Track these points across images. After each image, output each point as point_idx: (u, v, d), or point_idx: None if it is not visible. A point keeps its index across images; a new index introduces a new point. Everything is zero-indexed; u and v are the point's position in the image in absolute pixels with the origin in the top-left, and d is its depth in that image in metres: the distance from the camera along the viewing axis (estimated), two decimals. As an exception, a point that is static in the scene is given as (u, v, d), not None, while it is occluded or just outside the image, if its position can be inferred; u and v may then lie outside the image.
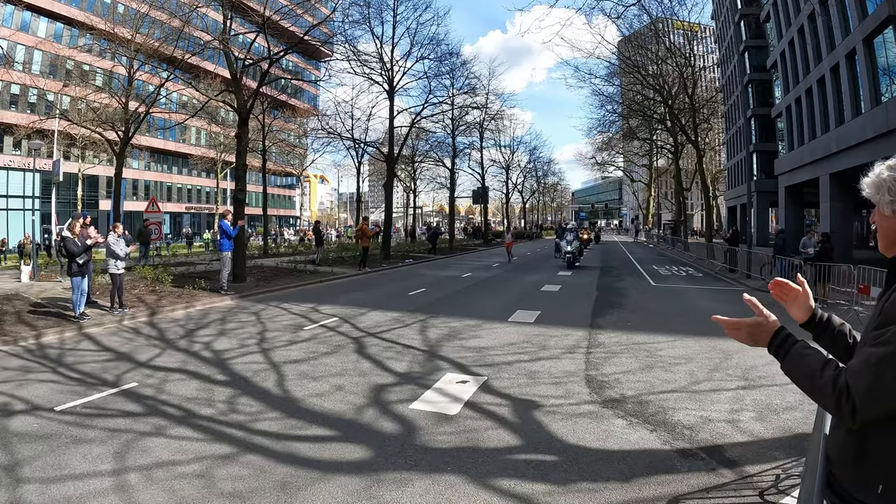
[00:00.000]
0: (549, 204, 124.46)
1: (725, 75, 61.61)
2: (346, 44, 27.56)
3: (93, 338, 11.57)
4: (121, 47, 27.84)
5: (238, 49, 23.76)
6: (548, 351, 9.72)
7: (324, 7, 32.60)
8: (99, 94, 33.81)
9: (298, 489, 4.72)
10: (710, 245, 33.88)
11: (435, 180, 63.57)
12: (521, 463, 5.21)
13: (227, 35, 20.75)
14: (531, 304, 15.30)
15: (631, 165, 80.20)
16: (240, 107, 20.54)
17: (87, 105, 34.26)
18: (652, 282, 22.00)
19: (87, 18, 35.82)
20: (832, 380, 1.77)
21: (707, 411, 6.54)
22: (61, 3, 53.38)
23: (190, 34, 25.86)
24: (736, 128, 58.28)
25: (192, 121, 44.69)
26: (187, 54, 26.17)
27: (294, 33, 25.32)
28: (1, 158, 51.51)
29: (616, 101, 44.40)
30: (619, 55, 41.14)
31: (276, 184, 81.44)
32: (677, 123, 38.64)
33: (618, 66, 40.94)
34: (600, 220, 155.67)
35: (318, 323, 12.76)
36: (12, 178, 52.09)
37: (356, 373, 8.42)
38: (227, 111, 51.06)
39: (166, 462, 5.28)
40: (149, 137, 58.35)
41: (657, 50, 38.33)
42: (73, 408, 6.91)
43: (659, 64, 38.16)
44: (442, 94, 39.57)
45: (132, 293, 15.94)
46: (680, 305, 15.83)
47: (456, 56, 38.52)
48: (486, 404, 6.84)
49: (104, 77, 38.00)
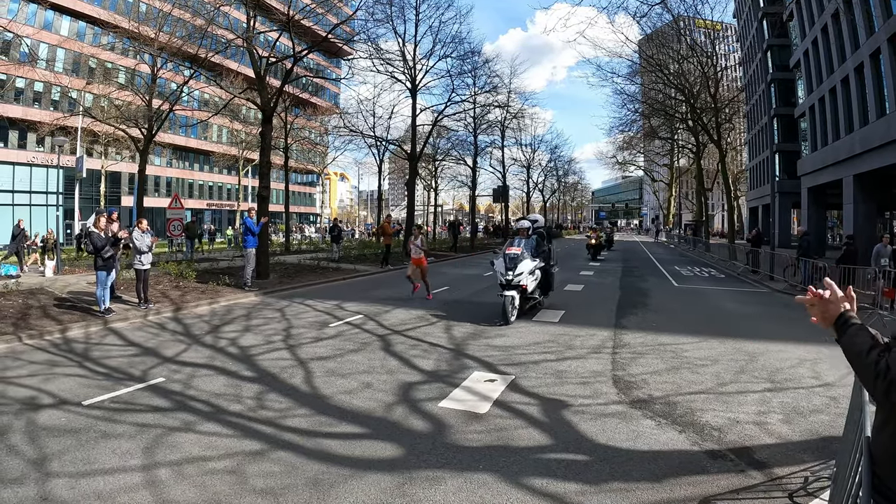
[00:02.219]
0: (569, 203, 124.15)
1: (748, 74, 61.05)
2: (368, 42, 27.55)
3: (118, 332, 11.67)
4: (145, 46, 28.03)
5: (261, 48, 23.83)
6: (574, 350, 9.70)
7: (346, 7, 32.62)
8: (122, 92, 34.13)
9: (330, 486, 4.73)
10: (732, 246, 33.59)
11: (456, 178, 63.51)
12: (553, 462, 5.20)
13: (251, 34, 20.86)
14: (555, 303, 15.21)
15: (652, 165, 79.72)
16: (264, 105, 20.64)
17: (111, 102, 34.58)
18: (674, 282, 21.89)
19: (112, 17, 36.14)
20: (875, 361, 2.07)
21: (735, 413, 6.50)
22: (84, 2, 53.85)
23: (213, 33, 26.00)
24: (758, 127, 57.72)
25: (214, 118, 44.93)
26: (211, 53, 26.33)
27: (317, 32, 25.42)
28: (25, 154, 52.07)
29: (637, 99, 44.15)
30: (641, 53, 40.88)
31: (296, 181, 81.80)
32: (699, 122, 38.34)
33: (639, 65, 40.75)
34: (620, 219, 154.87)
35: (343, 320, 12.79)
36: (36, 174, 52.68)
37: (384, 370, 8.44)
38: (249, 109, 51.42)
39: (196, 458, 5.30)
40: (171, 135, 58.83)
41: (679, 48, 38.04)
42: (101, 402, 6.97)
43: (681, 62, 37.85)
44: (464, 93, 39.51)
45: (156, 288, 16.11)
46: (704, 306, 15.74)
47: (478, 55, 38.33)
48: (515, 403, 6.84)
49: (127, 75, 38.31)
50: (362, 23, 27.04)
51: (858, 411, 3.05)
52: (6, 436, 5.84)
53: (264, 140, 20.97)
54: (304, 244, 45.87)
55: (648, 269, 28.38)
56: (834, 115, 33.82)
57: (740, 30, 62.87)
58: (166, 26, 29.34)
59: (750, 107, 60.83)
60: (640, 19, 25.15)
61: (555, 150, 74.61)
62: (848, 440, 3.24)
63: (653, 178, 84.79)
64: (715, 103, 36.06)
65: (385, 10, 29.49)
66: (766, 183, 50.35)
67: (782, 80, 49.28)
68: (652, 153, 72.92)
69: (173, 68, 31.74)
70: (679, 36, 37.79)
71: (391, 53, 32.12)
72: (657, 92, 42.23)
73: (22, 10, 33.32)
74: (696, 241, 48.72)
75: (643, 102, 44.21)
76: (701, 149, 44.95)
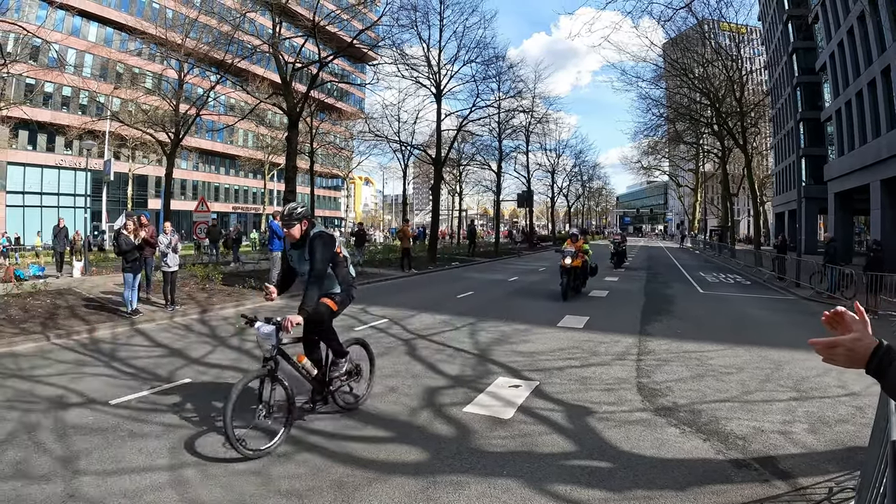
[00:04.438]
0: (593, 208, 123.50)
1: (773, 78, 60.31)
2: (393, 47, 27.65)
3: (145, 333, 11.84)
4: (172, 51, 28.39)
5: (287, 53, 24.03)
6: (598, 357, 9.66)
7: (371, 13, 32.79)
8: (149, 97, 34.56)
9: (355, 489, 4.76)
10: (758, 252, 33.27)
11: (480, 183, 63.51)
12: (577, 468, 5.20)
13: (277, 39, 21.04)
14: (579, 309, 15.19)
15: (677, 170, 79.13)
16: (290, 110, 20.79)
17: (138, 107, 35.02)
18: (700, 289, 21.71)
19: (139, 23, 36.61)
20: None
21: (759, 422, 6.44)
22: (111, 8, 54.72)
23: (239, 39, 26.28)
24: (784, 132, 56.98)
25: (240, 123, 45.38)
26: (237, 58, 26.61)
27: (342, 38, 25.59)
28: (53, 157, 52.96)
29: (662, 104, 43.83)
30: (665, 57, 40.64)
31: (321, 185, 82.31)
32: (725, 127, 38.03)
33: (664, 69, 40.50)
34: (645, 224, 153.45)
35: (368, 324, 12.83)
36: (63, 176, 53.63)
37: (409, 375, 8.46)
38: (275, 114, 51.81)
39: (223, 458, 5.35)
40: (197, 139, 59.47)
41: (704, 52, 37.78)
42: (128, 402, 7.07)
43: (706, 66, 37.60)
44: (488, 98, 39.42)
45: (183, 290, 16.28)
46: (729, 313, 15.60)
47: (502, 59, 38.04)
48: (540, 409, 6.83)
49: (154, 80, 38.81)
50: (387, 28, 27.22)
51: (884, 421, 3.04)
52: (34, 433, 5.95)
53: (290, 144, 21.13)
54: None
55: (673, 275, 28.19)
56: (861, 119, 33.40)
57: (765, 32, 61.95)
58: (193, 32, 29.72)
59: (775, 111, 60.00)
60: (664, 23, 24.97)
61: (579, 155, 74.46)
62: (874, 450, 3.23)
63: (678, 184, 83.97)
64: (740, 107, 35.78)
65: (409, 16, 29.61)
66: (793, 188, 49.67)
67: (808, 84, 48.69)
68: (677, 158, 72.30)
69: (200, 73, 32.09)
70: (703, 39, 37.55)
71: (416, 59, 32.19)
72: (682, 96, 41.96)
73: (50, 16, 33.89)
74: (721, 247, 48.26)
75: (668, 107, 43.85)
76: (726, 153, 44.50)
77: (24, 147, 51.31)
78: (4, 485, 4.79)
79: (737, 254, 39.49)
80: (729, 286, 23.11)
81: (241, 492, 4.70)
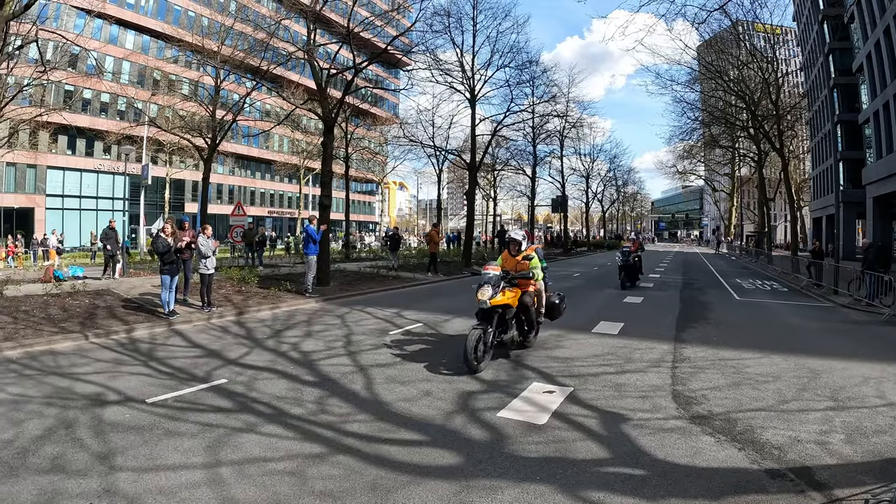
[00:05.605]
0: (628, 213, 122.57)
1: (809, 79, 59.25)
2: (427, 53, 27.75)
3: (182, 334, 12.06)
4: (208, 59, 28.80)
5: (322, 59, 24.26)
6: (633, 364, 9.60)
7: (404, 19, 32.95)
8: (186, 103, 35.13)
9: (389, 491, 4.80)
10: (795, 258, 32.74)
11: (514, 188, 63.35)
12: (611, 476, 5.18)
13: (312, 46, 21.25)
14: (614, 315, 15.12)
15: (712, 174, 78.17)
16: (325, 115, 20.95)
17: (175, 113, 35.62)
18: (736, 296, 21.37)
19: (176, 32, 37.31)
20: None
21: (796, 431, 6.34)
22: (148, 17, 55.79)
23: (275, 45, 26.57)
24: (821, 135, 55.90)
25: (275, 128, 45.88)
26: (272, 65, 26.91)
27: (376, 44, 25.77)
28: (92, 162, 54.07)
29: (697, 107, 43.36)
30: (700, 60, 40.20)
31: (356, 190, 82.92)
32: (761, 130, 37.51)
33: (698, 72, 40.08)
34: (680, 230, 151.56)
35: (403, 328, 12.92)
36: (102, 180, 54.68)
37: (443, 379, 8.50)
38: (309, 119, 52.28)
39: (258, 458, 5.45)
40: (234, 144, 60.22)
41: (738, 53, 37.32)
42: (165, 401, 7.22)
43: (741, 68, 37.15)
44: (522, 103, 39.19)
45: (219, 293, 16.49)
46: (765, 321, 15.36)
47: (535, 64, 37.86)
48: (574, 415, 6.81)
49: (191, 86, 39.42)
50: (421, 34, 27.36)
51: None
52: (73, 429, 6.11)
53: (326, 150, 21.29)
54: (364, 252, 46.41)
55: (709, 281, 27.82)
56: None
57: (800, 33, 60.86)
58: (228, 40, 30.14)
59: (812, 113, 58.90)
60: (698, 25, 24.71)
61: (614, 160, 73.92)
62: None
63: (713, 188, 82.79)
64: (777, 110, 35.25)
65: (443, 22, 29.62)
66: (830, 192, 48.87)
67: (845, 86, 47.71)
68: (712, 162, 71.48)
69: (236, 80, 32.51)
70: (738, 41, 37.12)
71: (450, 64, 32.27)
72: (717, 99, 41.45)
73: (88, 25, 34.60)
74: (757, 253, 47.57)
75: (703, 110, 43.38)
76: (763, 157, 43.82)
77: (63, 152, 52.41)
78: (42, 478, 4.93)
79: (773, 260, 38.90)
80: (766, 293, 22.77)
81: (275, 491, 4.78)
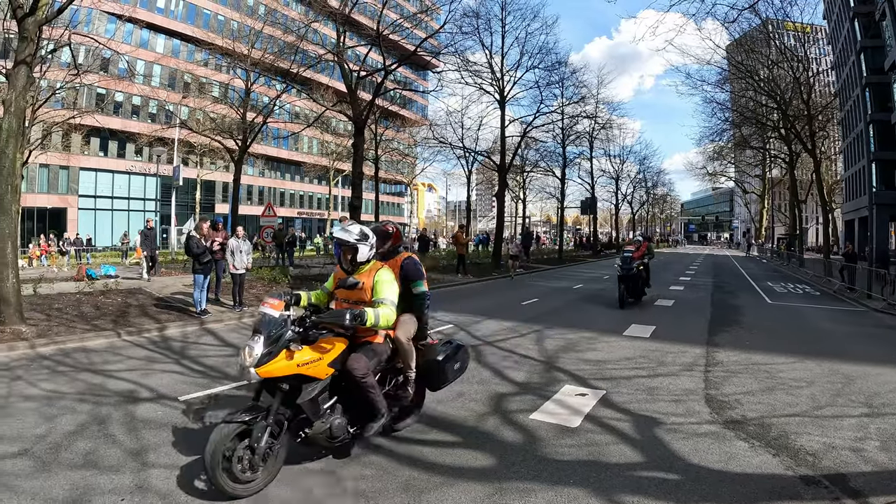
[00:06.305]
0: (657, 215, 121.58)
1: (840, 79, 58.08)
2: (456, 55, 27.82)
3: (214, 333, 12.24)
4: (238, 62, 29.09)
5: (351, 62, 24.41)
6: (665, 367, 9.54)
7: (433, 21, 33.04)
8: (217, 105, 35.50)
9: (422, 492, 4.81)
10: (827, 261, 32.26)
11: (544, 190, 63.19)
12: (644, 480, 5.15)
13: (342, 48, 21.38)
14: (645, 318, 15.03)
15: (743, 176, 77.20)
16: (356, 117, 21.11)
17: (206, 115, 36.00)
18: (767, 299, 21.18)
19: (206, 35, 37.75)
20: None
21: (830, 438, 6.24)
22: (178, 21, 56.62)
23: (304, 48, 26.78)
24: (853, 135, 54.83)
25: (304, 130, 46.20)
26: (302, 68, 27.11)
27: (404, 46, 25.88)
28: (124, 163, 54.97)
29: (727, 107, 42.86)
30: (730, 59, 39.74)
31: (385, 192, 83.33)
32: (792, 130, 37.02)
33: (728, 72, 39.64)
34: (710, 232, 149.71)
35: (435, 329, 12.74)
36: (134, 181, 55.61)
37: (475, 380, 8.51)
38: (339, 121, 52.61)
39: (291, 458, 5.42)
40: (263, 146, 60.77)
41: (769, 53, 36.84)
42: (197, 399, 7.32)
43: (771, 67, 36.68)
44: (552, 104, 39.22)
45: (250, 292, 16.63)
46: (798, 325, 15.18)
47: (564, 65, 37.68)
48: (607, 418, 6.78)
49: (221, 89, 39.84)
50: (450, 36, 27.38)
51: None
52: (105, 426, 6.21)
53: (356, 151, 21.45)
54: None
55: (740, 284, 27.58)
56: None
57: (831, 31, 59.79)
58: (258, 43, 30.40)
59: (844, 113, 57.62)
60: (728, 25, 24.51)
61: (644, 161, 73.56)
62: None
63: (744, 190, 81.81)
64: (808, 110, 34.73)
65: (472, 23, 29.78)
66: (863, 194, 48.12)
67: (878, 84, 46.68)
68: (743, 163, 70.51)
69: (266, 82, 32.78)
70: (768, 40, 36.65)
71: (479, 65, 32.34)
72: (748, 100, 40.97)
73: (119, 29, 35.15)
74: (789, 256, 46.95)
75: (733, 111, 42.87)
76: (794, 158, 43.19)
77: (95, 153, 53.34)
78: (75, 473, 5.01)
79: (805, 263, 38.35)
80: (798, 297, 22.50)
81: (308, 491, 4.82)
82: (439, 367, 6.07)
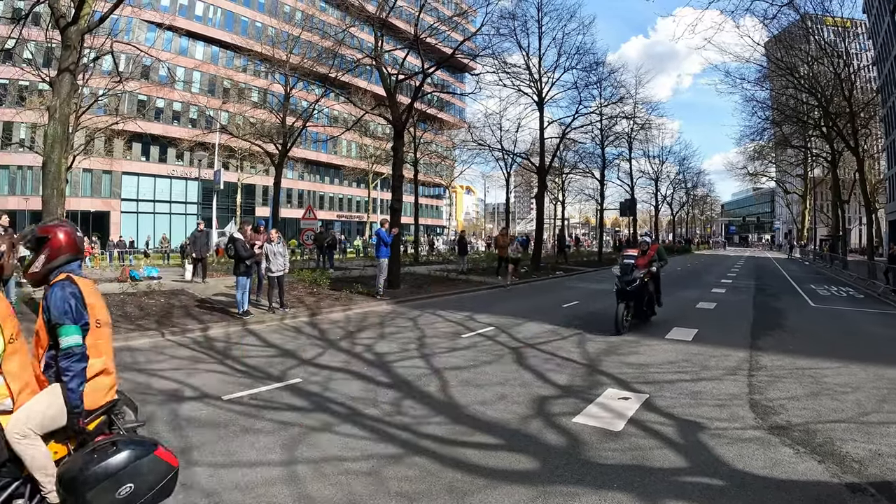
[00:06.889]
0: (697, 217, 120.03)
1: (882, 74, 56.32)
2: (493, 57, 27.85)
3: (256, 334, 12.40)
4: (277, 67, 29.45)
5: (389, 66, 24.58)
6: (709, 371, 9.43)
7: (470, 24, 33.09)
8: (256, 110, 36.00)
9: (465, 494, 4.83)
10: (871, 263, 31.56)
11: (582, 192, 62.91)
12: (688, 485, 5.13)
13: (380, 52, 21.54)
14: (687, 321, 14.83)
15: (784, 176, 75.81)
16: (395, 120, 21.21)
17: (246, 120, 36.52)
18: (811, 302, 20.75)
19: (245, 42, 38.31)
20: None
21: (877, 444, 6.13)
22: (216, 28, 57.61)
23: (342, 53, 27.02)
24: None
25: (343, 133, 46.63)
26: (340, 72, 27.36)
27: (441, 49, 25.97)
28: (165, 168, 56.13)
29: (768, 106, 42.10)
30: (769, 56, 39.04)
31: (424, 194, 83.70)
32: (834, 128, 36.29)
33: (767, 69, 38.98)
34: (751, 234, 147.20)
35: (476, 331, 12.98)
36: (175, 185, 56.76)
37: (518, 383, 8.49)
38: (377, 124, 53.00)
39: (334, 457, 5.55)
40: (303, 149, 61.46)
41: (808, 49, 36.14)
42: (241, 398, 7.43)
43: (811, 64, 36.00)
44: (590, 104, 38.87)
45: (291, 294, 16.87)
46: (843, 329, 14.84)
47: (602, 65, 37.37)
48: (650, 423, 6.75)
49: (261, 94, 40.37)
50: (486, 38, 27.45)
51: None
52: (151, 424, 6.27)
53: (396, 155, 21.56)
54: (433, 256, 46.89)
55: (782, 287, 27.07)
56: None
57: (871, 26, 57.85)
58: (297, 48, 30.77)
59: (887, 109, 55.96)
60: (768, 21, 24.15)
61: (683, 162, 72.61)
62: None
63: (786, 190, 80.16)
64: (850, 107, 33.98)
65: (509, 25, 29.81)
66: (907, 194, 47.06)
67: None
68: (784, 163, 69.14)
69: (304, 87, 33.16)
70: (808, 35, 35.96)
71: (517, 67, 32.30)
72: (788, 97, 40.26)
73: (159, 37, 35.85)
74: (832, 258, 46.04)
75: (774, 109, 42.13)
76: (836, 157, 42.25)
77: (137, 158, 54.64)
78: (120, 472, 5.14)
79: (849, 265, 37.53)
80: (841, 300, 22.02)
81: (351, 491, 4.86)
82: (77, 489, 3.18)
